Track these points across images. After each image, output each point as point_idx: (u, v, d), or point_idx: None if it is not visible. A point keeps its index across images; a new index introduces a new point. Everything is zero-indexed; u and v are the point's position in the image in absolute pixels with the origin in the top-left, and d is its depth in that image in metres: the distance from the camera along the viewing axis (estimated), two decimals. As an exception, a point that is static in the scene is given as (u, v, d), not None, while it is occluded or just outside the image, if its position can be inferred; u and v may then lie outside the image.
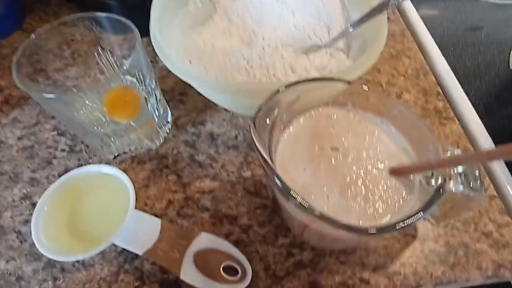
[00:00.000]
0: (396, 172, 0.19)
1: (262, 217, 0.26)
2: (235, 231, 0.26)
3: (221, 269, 0.23)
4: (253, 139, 0.17)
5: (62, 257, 0.22)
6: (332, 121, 0.21)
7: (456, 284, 0.24)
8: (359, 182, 0.19)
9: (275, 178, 0.16)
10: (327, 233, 0.19)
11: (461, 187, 0.18)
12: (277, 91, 0.18)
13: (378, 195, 0.19)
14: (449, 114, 0.32)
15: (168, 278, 0.24)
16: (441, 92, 0.33)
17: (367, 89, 0.20)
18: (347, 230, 0.15)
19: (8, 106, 0.33)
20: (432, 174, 0.18)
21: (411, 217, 0.16)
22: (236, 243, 0.25)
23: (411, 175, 0.19)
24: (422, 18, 0.39)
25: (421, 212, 0.16)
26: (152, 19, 0.25)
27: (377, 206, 0.18)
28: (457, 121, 0.32)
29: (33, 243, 0.23)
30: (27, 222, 0.26)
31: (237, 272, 0.23)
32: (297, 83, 0.19)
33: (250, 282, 0.23)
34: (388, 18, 0.39)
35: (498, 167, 0.29)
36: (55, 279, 0.24)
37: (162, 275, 0.24)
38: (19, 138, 0.31)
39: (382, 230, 0.15)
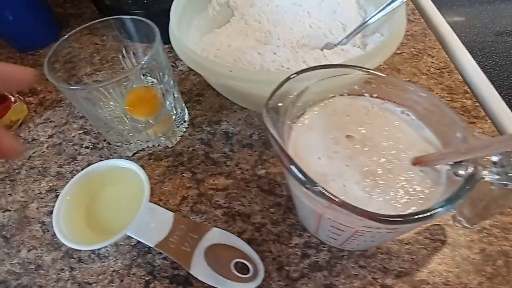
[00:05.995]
0: (420, 161, 0.18)
1: (276, 215, 0.25)
2: (248, 229, 0.25)
3: (232, 266, 0.22)
4: (266, 126, 0.17)
5: (79, 245, 0.23)
6: (347, 110, 0.20)
7: (497, 298, 0.21)
8: (378, 171, 0.18)
9: (290, 165, 0.15)
10: (342, 225, 0.17)
11: (496, 177, 0.16)
12: (290, 77, 0.18)
13: (400, 186, 0.17)
14: (479, 113, 0.30)
15: (179, 274, 0.23)
16: (469, 90, 0.31)
17: (384, 76, 0.19)
18: (360, 215, 0.14)
19: (42, 108, 0.36)
20: (462, 164, 0.17)
21: (435, 209, 0.15)
22: (249, 242, 0.24)
23: (437, 165, 0.18)
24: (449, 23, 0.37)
25: (446, 203, 0.15)
26: (172, 20, 0.27)
27: (398, 197, 0.17)
28: (488, 120, 0.29)
29: (55, 234, 0.23)
30: (51, 213, 0.27)
31: (249, 270, 0.22)
32: (310, 69, 0.19)
33: (263, 282, 0.22)
34: (407, 19, 0.38)
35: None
36: (72, 268, 0.24)
37: (173, 271, 0.24)
38: (50, 136, 0.33)
39: (397, 219, 0.14)
